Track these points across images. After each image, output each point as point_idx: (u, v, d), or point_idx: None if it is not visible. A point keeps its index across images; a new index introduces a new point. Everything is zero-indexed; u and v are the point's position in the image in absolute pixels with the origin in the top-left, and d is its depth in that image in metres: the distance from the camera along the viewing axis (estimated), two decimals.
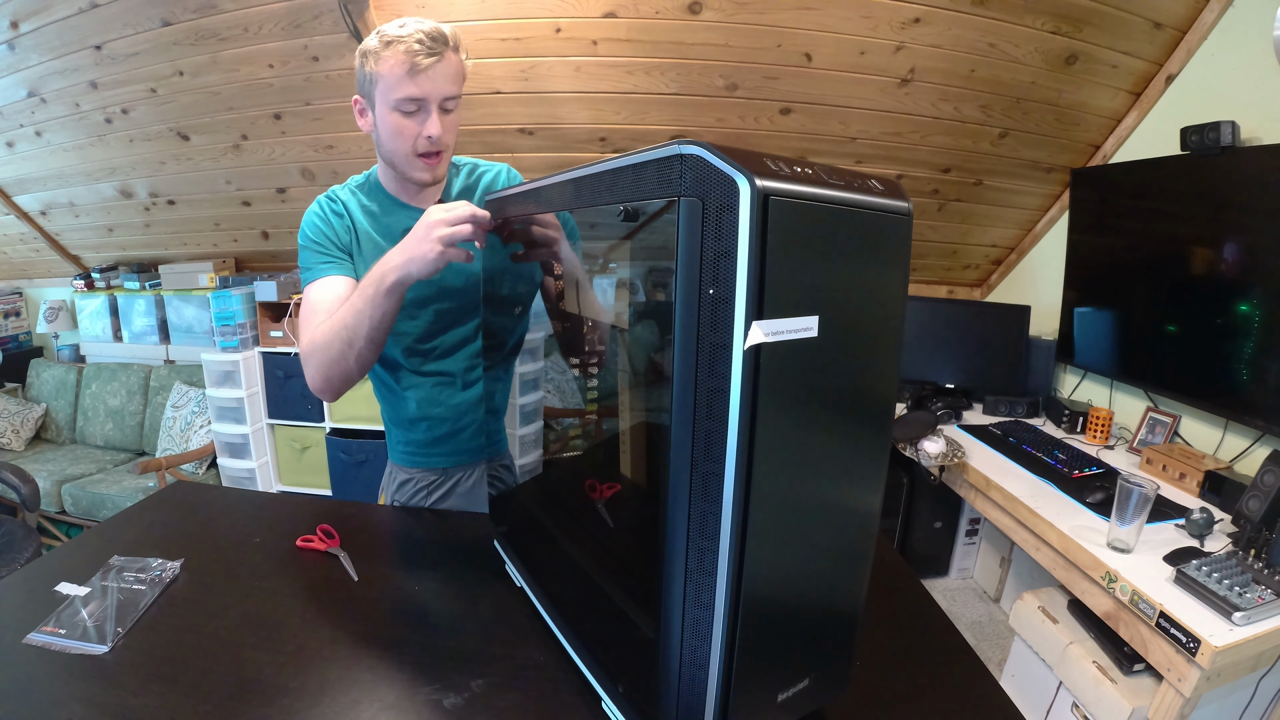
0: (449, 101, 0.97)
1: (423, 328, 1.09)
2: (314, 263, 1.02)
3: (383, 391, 1.19)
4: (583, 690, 0.69)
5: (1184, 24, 1.82)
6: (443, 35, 0.93)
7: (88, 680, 0.71)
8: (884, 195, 0.51)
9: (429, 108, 0.95)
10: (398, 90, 0.93)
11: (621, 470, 0.66)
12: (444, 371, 1.13)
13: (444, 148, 1.00)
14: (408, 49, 0.90)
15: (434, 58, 0.91)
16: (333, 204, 1.06)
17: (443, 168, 1.03)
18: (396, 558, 1.03)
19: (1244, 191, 1.63)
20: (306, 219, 1.05)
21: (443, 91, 0.95)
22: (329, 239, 1.03)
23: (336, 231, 1.04)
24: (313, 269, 1.02)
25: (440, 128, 0.96)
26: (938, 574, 2.60)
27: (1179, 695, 1.19)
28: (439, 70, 0.92)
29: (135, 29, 2.01)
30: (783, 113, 2.11)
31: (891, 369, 0.56)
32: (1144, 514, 1.36)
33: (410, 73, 0.91)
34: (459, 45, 0.96)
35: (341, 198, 1.07)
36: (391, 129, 0.96)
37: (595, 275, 0.79)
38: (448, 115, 0.98)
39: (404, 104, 0.94)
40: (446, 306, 1.08)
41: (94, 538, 1.04)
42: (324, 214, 1.04)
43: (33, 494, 2.18)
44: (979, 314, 2.57)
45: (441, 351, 1.12)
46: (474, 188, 1.13)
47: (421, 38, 0.91)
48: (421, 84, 0.92)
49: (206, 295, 2.96)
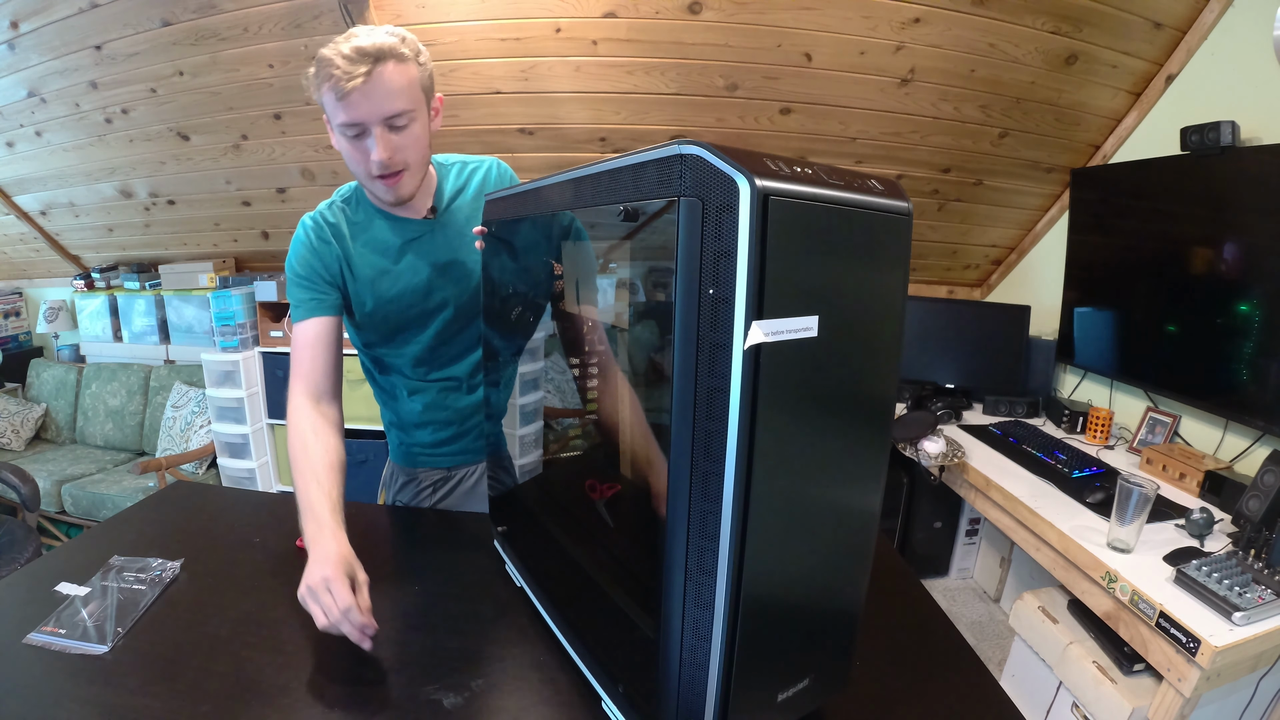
0: (397, 119, 0.88)
1: (428, 341, 1.08)
2: (300, 299, 0.99)
3: (384, 398, 1.18)
4: (583, 690, 0.69)
5: (1184, 24, 1.82)
6: (374, 50, 0.83)
7: (88, 680, 0.71)
8: (884, 195, 0.51)
9: (370, 130, 0.87)
10: (335, 116, 0.87)
11: (621, 470, 0.66)
12: (450, 377, 1.12)
13: (401, 167, 0.92)
14: (328, 74, 0.82)
15: (358, 79, 0.82)
16: (319, 231, 1.01)
17: (407, 186, 0.95)
18: (396, 558, 1.03)
19: (1244, 191, 1.63)
20: (294, 248, 1.01)
21: (381, 112, 0.86)
22: (316, 273, 0.99)
23: (325, 262, 1.00)
24: (299, 306, 0.99)
25: (387, 150, 0.88)
26: (938, 574, 2.60)
27: (1179, 695, 1.19)
28: (370, 90, 0.84)
29: (135, 29, 2.01)
30: (783, 113, 2.11)
31: (891, 369, 0.56)
32: (1144, 514, 1.36)
33: (339, 98, 0.84)
34: (402, 54, 0.86)
35: (330, 220, 1.02)
36: (345, 153, 0.91)
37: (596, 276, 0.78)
38: (400, 132, 0.89)
39: (344, 129, 0.88)
40: (450, 316, 1.07)
41: (94, 538, 1.04)
42: (310, 244, 1.00)
43: (33, 494, 2.17)
44: (979, 314, 2.57)
45: (447, 359, 1.11)
46: (465, 188, 1.10)
47: (342, 61, 0.82)
48: (353, 109, 0.85)
49: (206, 295, 2.96)
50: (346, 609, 0.71)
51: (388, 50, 0.84)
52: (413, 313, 1.05)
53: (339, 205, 1.03)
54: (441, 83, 2.04)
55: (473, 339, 1.11)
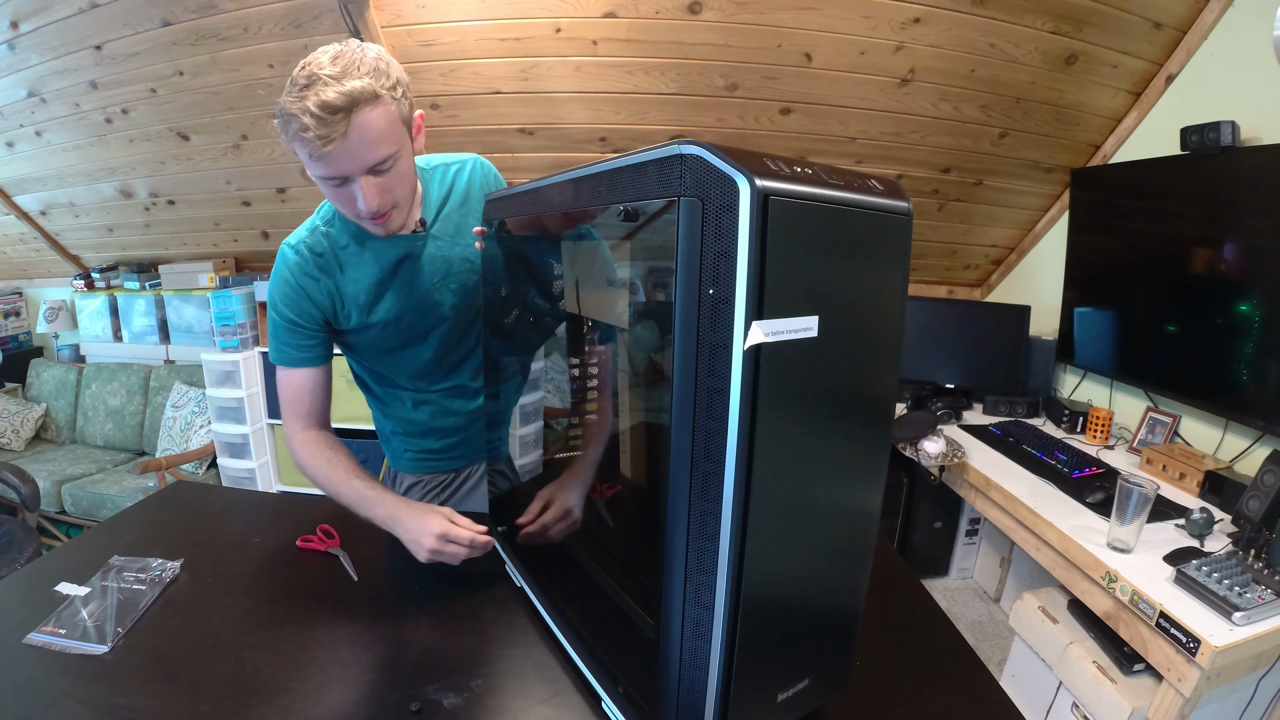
0: (381, 165, 0.81)
1: (430, 354, 1.06)
2: (287, 344, 0.96)
3: (381, 407, 1.16)
4: (583, 690, 0.70)
5: (1184, 24, 1.82)
6: (346, 101, 0.74)
7: (88, 680, 0.71)
8: (884, 195, 0.51)
9: (352, 181, 0.81)
10: (312, 170, 0.80)
11: (621, 470, 0.66)
12: (454, 385, 1.11)
13: (391, 206, 0.86)
14: (298, 135, 0.74)
15: (332, 142, 0.75)
16: (304, 265, 0.94)
17: (397, 221, 0.90)
18: (396, 558, 1.03)
19: (1244, 191, 1.63)
20: (278, 284, 0.95)
21: (362, 164, 0.79)
22: (306, 314, 0.95)
23: (315, 300, 0.95)
24: (286, 352, 0.97)
25: (374, 199, 0.82)
26: (938, 574, 2.60)
27: (1179, 695, 1.19)
28: (346, 149, 0.76)
29: (135, 29, 2.01)
30: (783, 113, 2.11)
31: (891, 369, 0.56)
32: (1144, 514, 1.36)
33: (312, 158, 0.77)
34: (376, 94, 0.76)
35: (316, 250, 0.95)
36: (330, 199, 0.87)
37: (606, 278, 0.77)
38: (385, 175, 0.82)
39: (325, 182, 0.82)
40: (447, 329, 1.05)
41: (94, 538, 1.04)
42: (296, 283, 0.94)
43: (33, 494, 2.17)
44: (979, 314, 2.57)
45: (448, 368, 1.09)
46: (450, 193, 1.04)
47: (311, 121, 0.73)
48: (332, 165, 0.78)
49: (206, 295, 2.96)
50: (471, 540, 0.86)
51: (360, 96, 0.75)
52: (412, 331, 1.03)
53: (321, 230, 0.96)
54: (441, 83, 2.05)
55: (472, 344, 1.09)
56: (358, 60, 0.76)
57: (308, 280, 0.95)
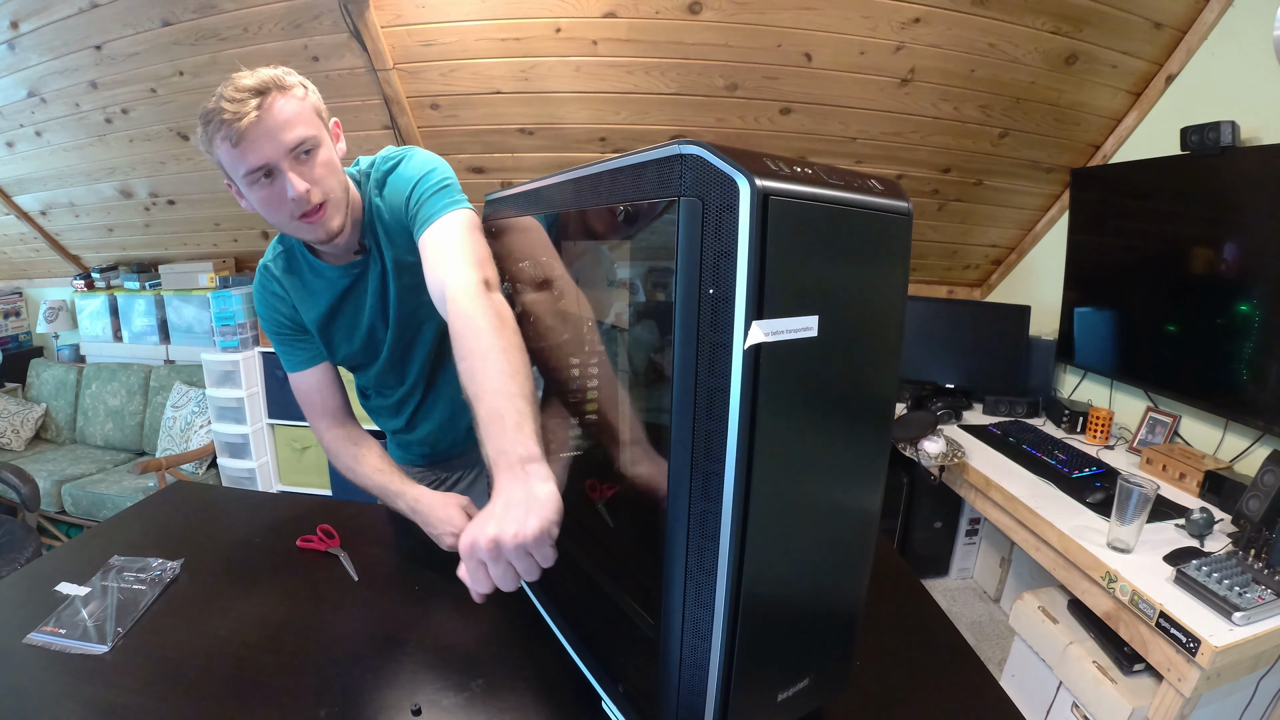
0: (302, 147, 0.82)
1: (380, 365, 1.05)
2: (287, 350, 1.02)
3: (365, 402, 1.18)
4: (583, 690, 0.69)
5: (1184, 24, 1.82)
6: (258, 85, 0.79)
7: (88, 680, 0.71)
8: (884, 195, 0.51)
9: (278, 168, 0.81)
10: (238, 166, 0.81)
11: (621, 470, 0.66)
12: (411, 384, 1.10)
13: (322, 199, 0.85)
14: (218, 120, 0.78)
15: (250, 115, 0.78)
16: (269, 284, 1.01)
17: (334, 219, 0.88)
18: (396, 558, 1.03)
19: (1244, 191, 1.63)
20: (256, 298, 1.02)
21: (283, 146, 0.80)
22: (285, 326, 1.01)
23: (286, 314, 1.01)
24: (289, 358, 1.02)
25: (302, 183, 0.82)
26: (938, 574, 2.60)
27: (1179, 695, 1.19)
28: (265, 127, 0.79)
29: (135, 29, 2.01)
30: (783, 113, 2.11)
31: (891, 369, 0.56)
32: (1144, 514, 1.36)
33: (235, 143, 0.79)
34: (285, 83, 0.82)
35: (275, 274, 1.01)
36: (260, 203, 0.85)
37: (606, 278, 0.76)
38: (309, 161, 0.83)
39: (250, 179, 0.82)
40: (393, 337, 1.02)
41: (94, 538, 1.04)
42: (266, 299, 1.01)
43: (33, 494, 2.17)
44: (979, 314, 2.57)
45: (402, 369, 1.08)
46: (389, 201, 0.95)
47: (225, 104, 0.78)
48: (252, 152, 0.80)
49: (206, 295, 2.96)
50: None
51: (270, 82, 0.80)
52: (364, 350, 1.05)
53: (279, 257, 1.00)
54: (441, 83, 2.05)
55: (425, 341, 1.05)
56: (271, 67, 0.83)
57: (275, 300, 1.01)
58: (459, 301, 0.72)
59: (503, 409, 0.60)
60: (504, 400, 0.61)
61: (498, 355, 0.65)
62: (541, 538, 0.52)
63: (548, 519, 0.52)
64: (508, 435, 0.58)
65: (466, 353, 0.67)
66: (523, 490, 0.54)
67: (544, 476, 0.56)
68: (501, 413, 0.60)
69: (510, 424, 0.59)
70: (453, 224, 0.84)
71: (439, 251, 0.82)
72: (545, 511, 0.53)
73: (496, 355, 0.65)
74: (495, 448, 0.59)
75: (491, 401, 0.61)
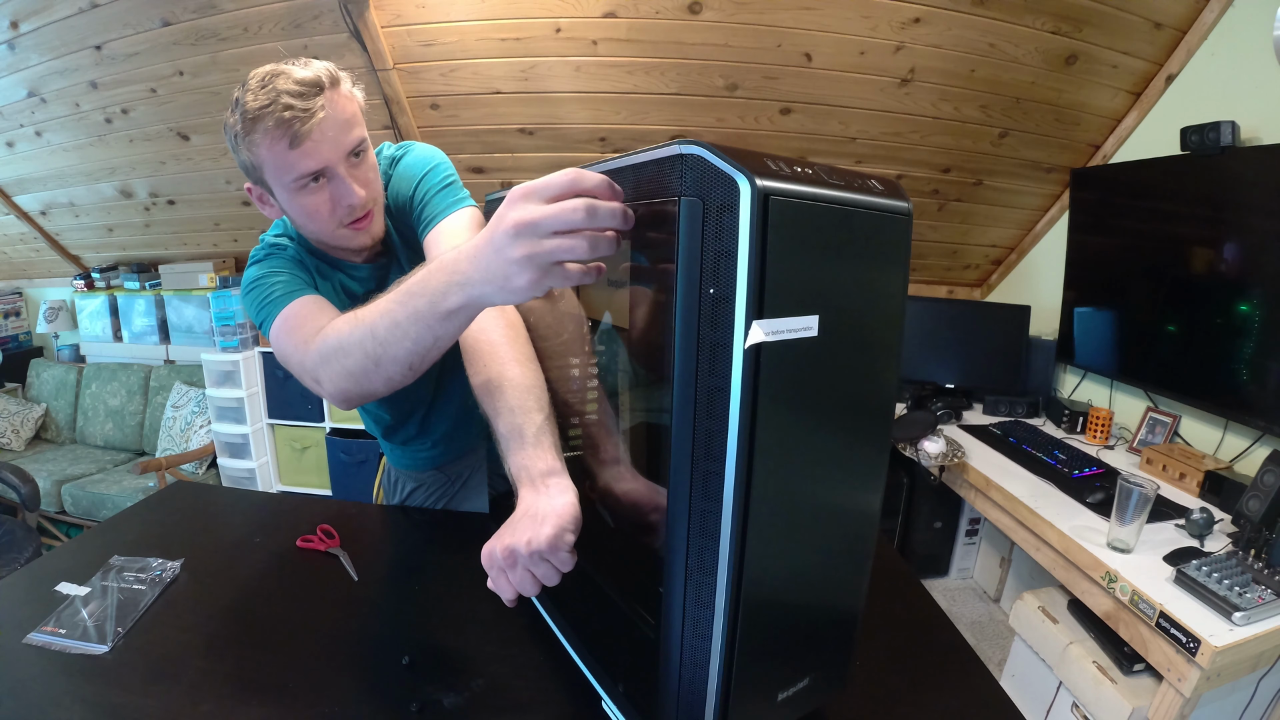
0: (358, 148, 0.78)
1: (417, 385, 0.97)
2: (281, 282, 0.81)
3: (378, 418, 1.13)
4: (583, 690, 0.69)
5: (1184, 24, 1.82)
6: (316, 80, 0.72)
7: (88, 680, 0.71)
8: (884, 195, 0.51)
9: (335, 172, 0.76)
10: (289, 170, 0.74)
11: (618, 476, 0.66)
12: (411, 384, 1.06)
13: (372, 203, 0.82)
14: (277, 120, 0.70)
15: (314, 118, 0.71)
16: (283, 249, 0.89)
17: (378, 223, 0.84)
18: (396, 558, 1.03)
19: (1244, 191, 1.63)
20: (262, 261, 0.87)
21: (343, 148, 0.76)
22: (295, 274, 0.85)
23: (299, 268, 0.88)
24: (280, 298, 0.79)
25: (360, 189, 0.77)
26: (938, 574, 2.60)
27: (1179, 695, 1.19)
28: (328, 125, 0.73)
29: (135, 29, 2.01)
30: (783, 113, 2.11)
31: (892, 369, 0.56)
32: (1144, 514, 1.36)
33: (293, 146, 0.72)
34: (337, 79, 0.75)
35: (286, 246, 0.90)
36: (303, 211, 0.79)
37: None
38: (360, 164, 0.79)
39: (303, 181, 0.75)
40: None
41: (94, 538, 1.04)
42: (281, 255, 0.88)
43: (33, 494, 2.18)
44: (979, 314, 2.57)
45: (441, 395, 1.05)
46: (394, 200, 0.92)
47: (289, 100, 0.70)
48: (313, 154, 0.73)
49: (206, 295, 2.96)
50: None
51: (328, 76, 0.73)
52: None
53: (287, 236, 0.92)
54: (441, 83, 2.05)
55: None
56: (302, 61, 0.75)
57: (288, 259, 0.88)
58: None
59: (521, 424, 0.61)
60: (521, 416, 0.61)
61: (513, 369, 0.65)
62: (555, 544, 0.53)
63: (561, 527, 0.53)
64: (528, 451, 0.59)
65: (481, 368, 0.67)
66: (541, 502, 0.56)
67: (563, 489, 0.57)
68: (520, 428, 0.61)
69: (530, 439, 0.60)
70: (458, 224, 0.82)
71: None
72: (559, 520, 0.53)
73: (512, 369, 0.65)
74: (517, 464, 0.59)
75: (510, 418, 0.62)
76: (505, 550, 0.54)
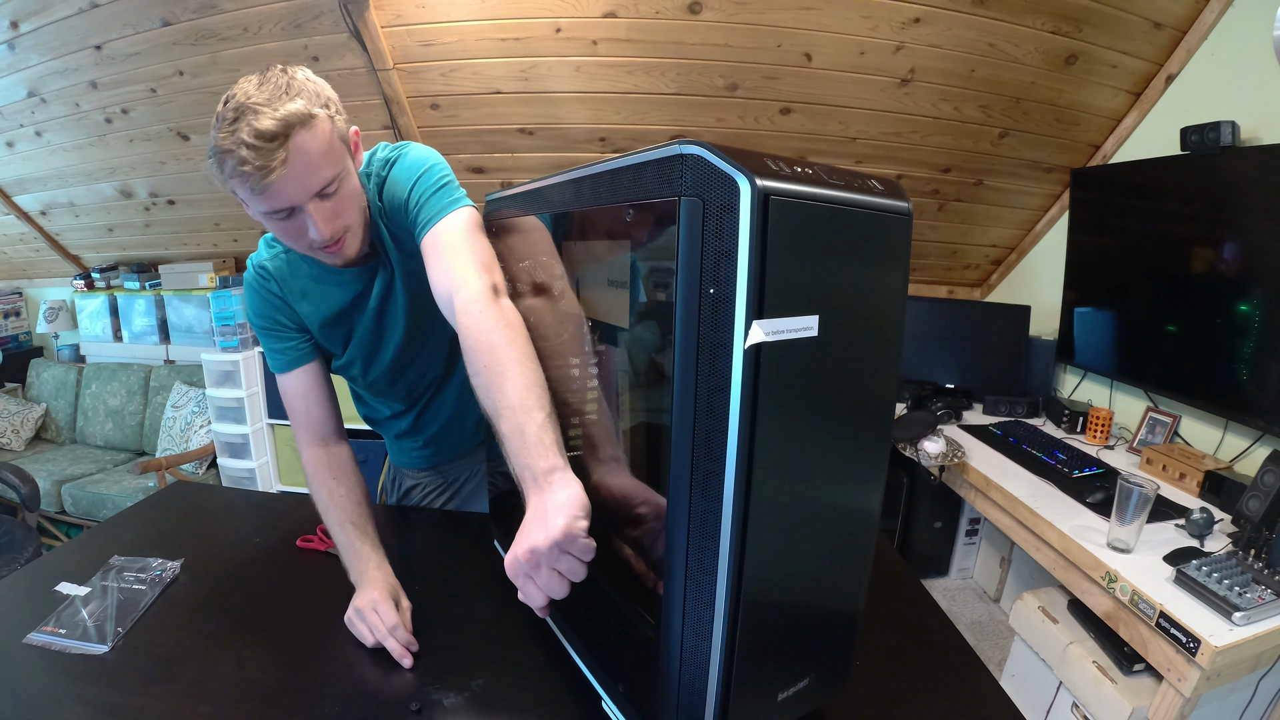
0: (327, 189, 0.77)
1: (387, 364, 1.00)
2: (274, 349, 0.95)
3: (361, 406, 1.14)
4: (583, 690, 0.69)
5: (1184, 24, 1.82)
6: (281, 126, 0.70)
7: (88, 680, 0.71)
8: (884, 195, 0.51)
9: (300, 210, 0.76)
10: (255, 206, 0.75)
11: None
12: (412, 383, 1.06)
13: (344, 231, 0.81)
14: (237, 171, 0.70)
15: (273, 172, 0.70)
16: (266, 282, 0.94)
17: (352, 247, 0.84)
18: (396, 558, 1.03)
19: (1244, 191, 1.63)
20: (247, 296, 0.96)
21: (310, 190, 0.75)
22: (278, 323, 0.94)
23: (282, 311, 0.95)
24: (275, 358, 0.95)
25: (326, 226, 0.77)
26: (938, 574, 2.60)
27: (1179, 695, 1.19)
28: (291, 174, 0.72)
29: (135, 29, 2.01)
30: (783, 113, 2.11)
31: (892, 369, 0.56)
32: (1144, 514, 1.36)
33: (255, 193, 0.72)
34: (310, 115, 0.73)
35: (270, 270, 0.94)
36: (277, 233, 0.81)
37: None
38: (333, 198, 0.78)
39: (272, 215, 0.76)
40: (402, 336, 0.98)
41: (94, 538, 1.04)
42: (261, 294, 0.94)
43: (33, 494, 2.17)
44: (979, 314, 2.57)
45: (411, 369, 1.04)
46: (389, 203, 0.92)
47: (249, 153, 0.68)
48: (277, 197, 0.73)
49: (206, 295, 2.96)
50: (392, 627, 0.77)
51: (294, 119, 0.71)
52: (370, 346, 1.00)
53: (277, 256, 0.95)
54: (441, 83, 2.05)
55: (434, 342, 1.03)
56: (284, 84, 0.73)
57: (271, 297, 0.94)
58: (470, 314, 0.71)
59: (523, 424, 0.61)
60: (523, 415, 0.61)
61: (514, 368, 0.65)
62: (569, 534, 0.53)
63: (571, 515, 0.53)
64: (530, 451, 0.59)
65: (481, 368, 0.67)
66: (547, 500, 0.56)
67: (566, 482, 0.57)
68: (522, 428, 0.61)
69: (531, 439, 0.60)
70: (455, 226, 0.82)
71: (443, 256, 0.80)
72: (569, 509, 0.54)
73: (513, 368, 0.65)
74: (520, 464, 0.60)
75: (512, 418, 0.62)
76: (526, 553, 0.54)
